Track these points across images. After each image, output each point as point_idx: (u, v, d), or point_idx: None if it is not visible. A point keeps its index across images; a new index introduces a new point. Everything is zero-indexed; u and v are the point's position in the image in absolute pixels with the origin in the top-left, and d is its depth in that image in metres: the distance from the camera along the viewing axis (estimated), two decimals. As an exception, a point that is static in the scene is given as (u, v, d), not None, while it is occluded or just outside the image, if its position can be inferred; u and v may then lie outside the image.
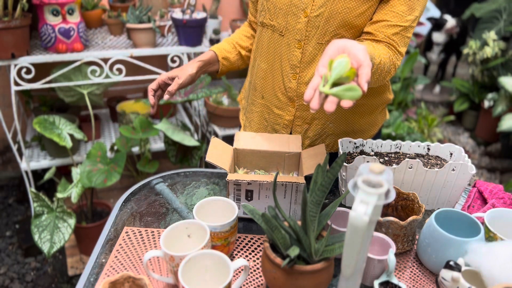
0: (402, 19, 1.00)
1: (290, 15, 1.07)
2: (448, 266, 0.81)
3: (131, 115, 2.25)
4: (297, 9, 1.05)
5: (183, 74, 1.11)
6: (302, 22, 1.05)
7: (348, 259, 0.66)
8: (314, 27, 1.05)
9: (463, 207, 1.06)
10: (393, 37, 1.01)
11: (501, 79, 2.94)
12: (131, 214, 1.07)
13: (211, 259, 0.77)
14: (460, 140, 3.54)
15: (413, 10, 1.01)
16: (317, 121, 1.16)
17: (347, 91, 0.69)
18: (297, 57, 1.09)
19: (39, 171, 2.53)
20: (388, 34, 1.01)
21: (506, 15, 3.38)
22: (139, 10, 1.98)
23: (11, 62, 1.82)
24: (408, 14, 1.01)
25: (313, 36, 1.06)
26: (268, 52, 1.15)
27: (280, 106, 1.17)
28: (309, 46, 1.07)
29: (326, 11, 1.02)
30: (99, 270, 0.89)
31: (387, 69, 0.99)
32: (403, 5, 1.00)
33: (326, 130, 1.18)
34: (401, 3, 1.00)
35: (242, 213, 1.02)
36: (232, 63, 1.24)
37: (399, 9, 1.00)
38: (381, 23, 1.01)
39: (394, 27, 1.00)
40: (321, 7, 1.02)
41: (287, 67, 1.12)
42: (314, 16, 1.03)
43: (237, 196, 0.99)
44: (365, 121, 1.21)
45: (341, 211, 0.93)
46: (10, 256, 2.19)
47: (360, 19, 1.02)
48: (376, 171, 0.60)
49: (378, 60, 0.93)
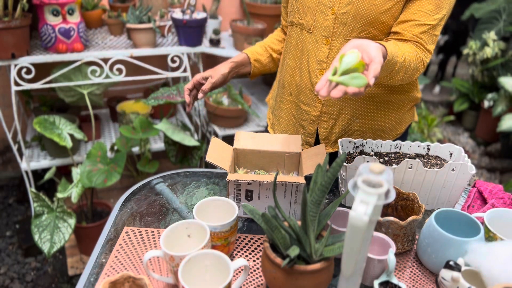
0: (430, 18, 1.02)
1: (318, 13, 1.10)
2: (448, 266, 0.81)
3: (131, 115, 2.25)
4: (325, 7, 1.08)
5: (216, 74, 1.17)
6: (329, 19, 1.08)
7: (348, 259, 0.66)
8: (341, 24, 1.08)
9: (463, 207, 1.06)
10: (420, 36, 1.03)
11: (501, 79, 2.94)
12: (131, 214, 1.07)
13: (211, 259, 0.77)
14: (460, 140, 3.54)
15: (441, 8, 1.02)
16: (343, 117, 1.18)
17: (352, 79, 0.74)
18: (324, 53, 1.12)
19: (39, 171, 2.53)
20: (415, 33, 1.02)
21: (505, 15, 3.38)
22: (139, 10, 1.98)
23: (11, 62, 1.82)
24: (436, 13, 1.02)
25: (340, 32, 1.09)
26: (296, 49, 1.18)
27: (307, 102, 1.20)
28: (336, 42, 1.10)
29: (353, 8, 1.04)
30: (99, 270, 0.89)
31: (413, 66, 1.01)
32: (431, 4, 1.01)
33: (352, 126, 1.19)
34: (429, 2, 1.01)
35: (242, 213, 1.02)
36: (264, 65, 1.29)
37: (427, 8, 1.01)
38: (409, 23, 1.03)
39: (422, 26, 1.02)
40: (348, 5, 1.05)
41: (314, 63, 1.14)
42: (341, 13, 1.06)
43: (237, 196, 0.99)
44: (391, 119, 1.22)
45: (341, 211, 0.93)
46: (10, 256, 2.19)
47: (386, 16, 1.04)
48: (376, 171, 0.60)
49: (402, 59, 0.96)
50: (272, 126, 1.36)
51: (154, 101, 1.87)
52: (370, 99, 1.16)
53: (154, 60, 2.39)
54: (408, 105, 1.23)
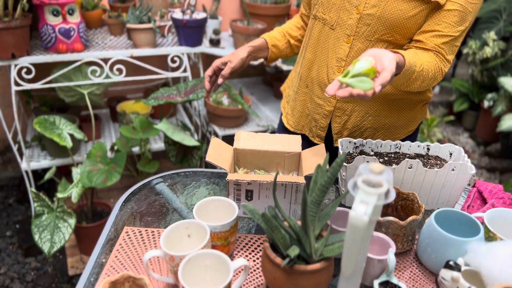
0: (453, 30, 1.03)
1: (342, 10, 1.10)
2: (448, 266, 0.81)
3: (131, 115, 2.25)
4: (350, 5, 1.08)
5: (235, 58, 1.19)
6: (354, 18, 1.08)
7: (348, 259, 0.66)
8: (365, 24, 1.08)
9: (463, 207, 1.06)
10: (442, 46, 1.05)
11: (501, 79, 2.94)
12: (131, 214, 1.07)
13: (211, 259, 0.77)
14: (459, 140, 3.54)
15: (464, 21, 1.03)
16: (357, 113, 1.19)
17: (358, 82, 0.80)
18: (344, 51, 1.12)
19: (39, 171, 2.53)
20: (437, 43, 1.04)
21: (505, 15, 3.38)
22: (139, 10, 1.98)
23: (12, 62, 1.82)
24: (460, 25, 1.03)
25: (363, 32, 1.09)
26: (317, 43, 1.18)
27: (322, 96, 1.21)
28: (357, 41, 1.10)
29: (379, 10, 1.04)
30: (99, 270, 0.89)
31: (431, 76, 1.04)
32: (456, 17, 1.02)
33: (365, 123, 1.20)
34: (454, 14, 1.02)
35: (242, 213, 1.02)
36: (281, 50, 1.31)
37: (451, 20, 1.03)
38: (432, 33, 1.04)
39: (444, 37, 1.04)
40: (374, 6, 1.05)
41: (333, 60, 1.15)
42: (366, 14, 1.06)
43: (237, 196, 0.99)
44: (404, 117, 1.23)
45: (341, 211, 0.93)
46: (11, 256, 2.19)
47: (410, 22, 1.04)
48: (376, 171, 0.60)
49: (420, 68, 0.99)
50: (286, 116, 1.37)
51: (154, 101, 1.87)
52: (384, 98, 1.17)
53: (154, 60, 2.39)
54: (420, 104, 1.25)
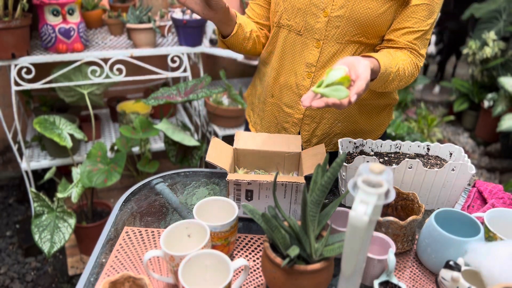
0: (423, 24, 1.03)
1: (309, 15, 1.07)
2: (448, 266, 0.81)
3: (131, 115, 2.25)
4: (316, 8, 1.05)
5: None
6: (322, 21, 1.06)
7: (348, 259, 0.66)
8: (334, 27, 1.05)
9: (463, 207, 1.06)
10: (414, 42, 1.04)
11: (501, 79, 2.94)
12: (131, 214, 1.07)
13: (211, 259, 0.77)
14: (459, 140, 3.54)
15: (433, 13, 1.03)
16: (326, 121, 1.17)
17: (333, 91, 0.79)
18: (314, 56, 1.10)
19: (39, 171, 2.53)
20: (409, 39, 1.04)
21: (505, 15, 3.38)
22: (139, 10, 1.98)
23: (11, 62, 1.82)
24: (428, 18, 1.03)
25: (333, 35, 1.06)
26: (283, 51, 1.15)
27: (290, 105, 1.18)
28: (327, 45, 1.08)
29: (347, 11, 1.02)
30: (99, 270, 0.89)
31: (408, 73, 1.03)
32: (424, 11, 1.02)
33: (334, 130, 1.19)
34: (423, 8, 1.01)
35: (242, 213, 1.02)
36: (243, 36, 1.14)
37: (420, 14, 1.02)
38: (402, 30, 1.04)
39: (415, 33, 1.03)
40: (341, 8, 1.03)
41: (301, 66, 1.12)
42: (334, 16, 1.04)
43: (237, 196, 0.99)
44: (372, 122, 1.22)
45: (341, 211, 0.93)
46: (11, 256, 2.19)
47: (380, 19, 1.03)
48: (376, 171, 0.60)
49: (396, 68, 0.98)
50: (254, 125, 1.33)
51: (154, 101, 1.87)
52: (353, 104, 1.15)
53: (154, 60, 2.39)
54: (388, 107, 1.24)
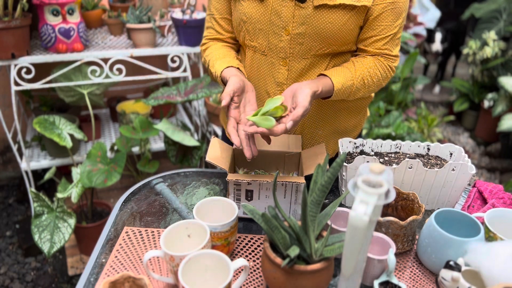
0: (391, 28, 1.03)
1: (271, 35, 1.04)
2: (448, 266, 0.81)
3: (131, 115, 2.25)
4: (277, 28, 1.03)
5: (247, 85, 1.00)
6: (284, 40, 1.04)
7: (348, 259, 0.66)
8: (298, 44, 1.04)
9: (463, 207, 1.06)
10: (384, 46, 1.05)
11: (501, 79, 2.94)
12: (131, 214, 1.07)
13: (211, 259, 0.77)
14: (460, 140, 3.54)
15: (399, 15, 1.02)
16: (307, 131, 1.18)
17: (262, 120, 0.87)
18: (283, 75, 1.09)
19: (39, 171, 2.53)
20: (378, 47, 1.05)
21: (506, 15, 3.38)
22: (139, 10, 1.98)
23: (11, 62, 1.82)
24: (395, 20, 1.02)
25: (298, 52, 1.05)
26: (251, 70, 1.13)
27: None
28: (294, 62, 1.07)
29: (309, 27, 1.01)
30: (99, 270, 0.89)
31: (377, 79, 1.06)
32: (390, 16, 1.01)
33: (317, 132, 1.19)
34: (388, 14, 1.01)
35: (242, 213, 1.02)
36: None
37: (387, 20, 1.01)
38: (371, 39, 1.04)
39: (384, 39, 1.04)
40: (302, 24, 1.01)
41: (272, 85, 1.11)
42: (296, 34, 1.02)
43: (237, 196, 0.99)
44: (352, 122, 1.23)
45: (341, 211, 0.93)
46: (10, 256, 2.19)
47: (343, 31, 1.01)
48: (376, 171, 0.60)
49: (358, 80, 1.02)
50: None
51: (154, 101, 1.87)
52: (332, 105, 1.15)
53: (154, 60, 2.39)
54: (365, 107, 1.25)
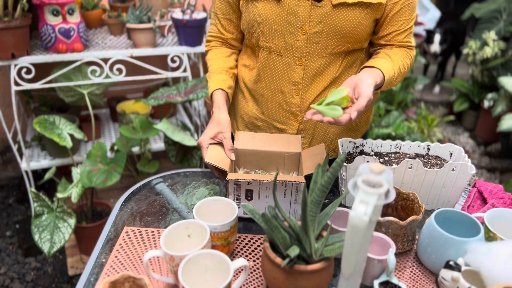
0: (409, 22, 1.09)
1: (287, 35, 1.05)
2: (448, 266, 0.81)
3: (131, 115, 2.25)
4: (294, 27, 1.04)
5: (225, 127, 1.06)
6: (301, 39, 1.05)
7: (348, 259, 0.66)
8: (314, 43, 1.05)
9: (463, 207, 1.06)
10: (405, 39, 1.10)
11: (501, 79, 2.94)
12: (131, 214, 1.07)
13: (211, 259, 0.77)
14: (460, 140, 3.54)
15: (413, 9, 1.08)
16: (319, 129, 1.18)
17: (329, 109, 0.88)
18: (299, 74, 1.09)
19: (39, 171, 2.53)
20: (401, 39, 1.09)
21: (506, 15, 3.38)
22: (139, 10, 1.98)
23: (11, 62, 1.82)
24: (412, 14, 1.08)
25: (314, 51, 1.06)
26: (265, 70, 1.13)
27: (282, 121, 1.18)
28: (310, 61, 1.07)
29: (326, 26, 1.02)
30: (99, 270, 0.89)
31: (407, 67, 1.11)
32: (407, 10, 1.06)
33: (329, 132, 1.19)
34: (406, 9, 1.06)
35: (242, 213, 1.02)
36: (233, 87, 1.19)
37: (405, 15, 1.07)
38: (393, 34, 1.08)
39: (405, 32, 1.09)
40: (319, 23, 1.02)
41: (287, 85, 1.12)
42: (313, 33, 1.03)
43: (237, 196, 0.99)
44: (362, 117, 1.24)
45: (341, 211, 0.93)
46: (10, 256, 2.19)
47: (359, 28, 1.03)
48: (376, 171, 0.60)
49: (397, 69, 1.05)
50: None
51: (154, 101, 1.87)
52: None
53: (154, 60, 2.39)
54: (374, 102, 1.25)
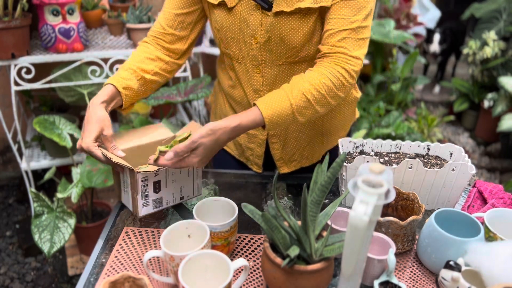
0: (347, 22, 0.93)
1: (242, 43, 1.05)
2: (448, 266, 0.81)
3: (131, 115, 2.25)
4: (247, 36, 1.03)
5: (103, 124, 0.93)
6: (255, 48, 1.04)
7: (348, 259, 0.66)
8: (267, 51, 1.04)
9: (463, 207, 1.06)
10: (340, 44, 0.93)
11: (501, 79, 2.94)
12: (131, 214, 1.07)
13: (211, 259, 0.77)
14: (460, 140, 3.54)
15: (360, 9, 0.93)
16: (291, 135, 1.17)
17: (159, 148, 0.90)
18: (258, 82, 1.09)
19: (39, 171, 2.53)
20: (333, 42, 0.94)
21: (506, 15, 3.38)
22: (139, 10, 1.98)
23: (11, 62, 1.82)
24: (353, 15, 0.93)
25: (269, 59, 1.05)
26: (234, 77, 1.14)
27: None
28: (267, 69, 1.07)
29: (274, 35, 1.00)
30: (99, 270, 0.89)
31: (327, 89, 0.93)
32: (345, 8, 0.93)
33: (302, 137, 1.19)
34: (341, 6, 0.93)
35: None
36: (136, 91, 1.04)
37: (340, 13, 0.93)
38: (324, 35, 0.96)
39: (338, 34, 0.93)
40: (268, 32, 1.00)
41: (250, 92, 1.12)
42: (264, 41, 1.02)
43: (145, 193, 0.94)
44: (335, 122, 1.21)
45: (341, 211, 0.93)
46: (10, 256, 2.19)
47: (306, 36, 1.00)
48: (376, 171, 0.60)
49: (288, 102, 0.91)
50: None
51: (154, 101, 1.87)
52: None
53: (154, 60, 2.38)
54: (348, 106, 1.21)
